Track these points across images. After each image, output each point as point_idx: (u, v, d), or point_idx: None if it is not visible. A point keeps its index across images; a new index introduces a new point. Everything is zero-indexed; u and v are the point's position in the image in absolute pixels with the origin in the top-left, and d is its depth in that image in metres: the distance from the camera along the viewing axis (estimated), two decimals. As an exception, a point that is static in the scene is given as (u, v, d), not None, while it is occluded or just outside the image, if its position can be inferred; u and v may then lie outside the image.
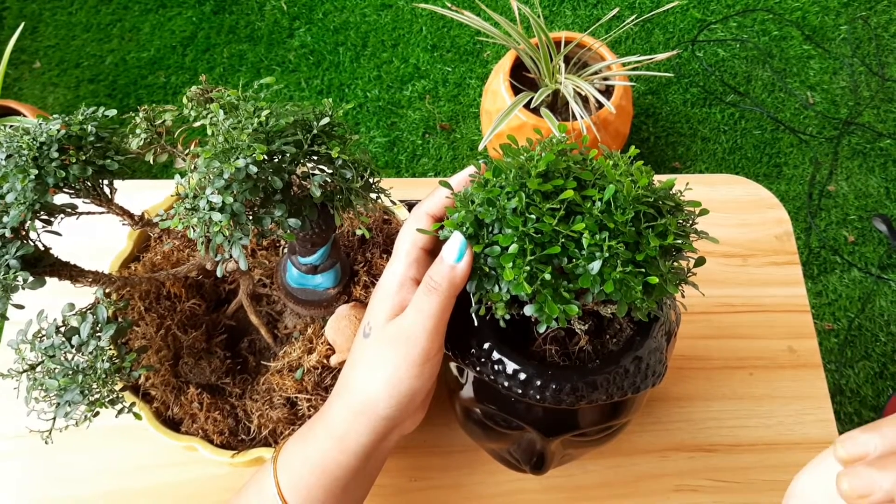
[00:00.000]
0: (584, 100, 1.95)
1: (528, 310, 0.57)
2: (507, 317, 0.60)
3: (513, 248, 0.55)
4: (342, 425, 0.66)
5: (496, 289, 0.58)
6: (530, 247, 0.55)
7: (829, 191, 2.32)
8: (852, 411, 1.98)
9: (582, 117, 1.72)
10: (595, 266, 0.55)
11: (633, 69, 2.00)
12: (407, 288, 0.64)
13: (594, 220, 0.55)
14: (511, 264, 0.55)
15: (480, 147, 1.75)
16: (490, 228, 0.58)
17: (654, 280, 0.55)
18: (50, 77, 2.48)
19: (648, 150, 2.38)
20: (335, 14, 2.60)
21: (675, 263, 0.59)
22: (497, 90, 2.00)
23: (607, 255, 0.54)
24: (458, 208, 0.60)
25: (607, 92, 1.98)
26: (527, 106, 1.90)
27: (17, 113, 1.98)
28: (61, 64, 2.51)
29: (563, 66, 1.86)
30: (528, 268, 0.55)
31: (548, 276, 0.55)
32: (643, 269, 0.55)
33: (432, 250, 0.66)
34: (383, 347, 0.64)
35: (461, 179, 0.65)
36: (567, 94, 1.77)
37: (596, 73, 1.91)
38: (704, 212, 0.60)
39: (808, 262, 2.19)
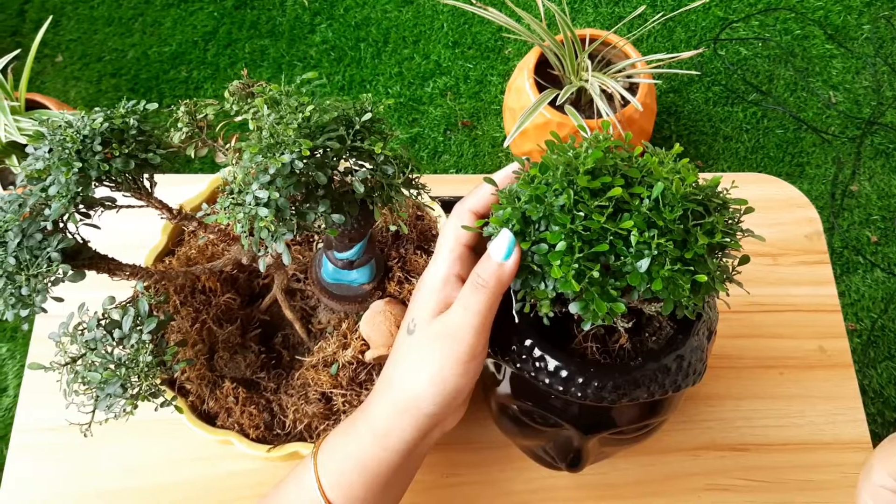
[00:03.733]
0: (609, 98, 1.94)
1: (574, 307, 0.57)
2: (551, 314, 0.60)
3: (561, 245, 0.55)
4: (385, 422, 0.65)
5: (542, 286, 0.58)
6: (578, 244, 0.55)
7: (851, 191, 2.31)
8: (875, 412, 1.98)
9: (608, 115, 1.71)
10: (643, 264, 0.54)
11: (657, 67, 1.99)
12: (451, 285, 0.64)
13: (643, 218, 0.55)
14: (559, 262, 0.55)
15: (506, 144, 1.75)
16: (537, 225, 0.58)
17: (703, 278, 0.55)
18: (72, 71, 2.49)
19: (670, 149, 2.37)
20: (356, 10, 2.60)
21: (722, 262, 0.58)
22: (521, 87, 1.99)
23: (655, 252, 0.54)
24: (504, 205, 0.59)
25: (630, 90, 1.98)
26: (551, 103, 1.89)
27: (43, 106, 1.99)
28: (83, 58, 2.52)
29: (588, 63, 1.85)
30: (576, 265, 0.54)
31: (596, 274, 0.54)
32: (691, 268, 0.55)
33: (476, 247, 0.66)
34: (428, 344, 0.63)
35: (505, 176, 0.64)
36: (593, 92, 1.77)
37: (620, 70, 1.91)
38: (750, 210, 0.60)
39: (832, 262, 2.17)
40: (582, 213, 0.55)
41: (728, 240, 0.57)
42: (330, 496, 0.66)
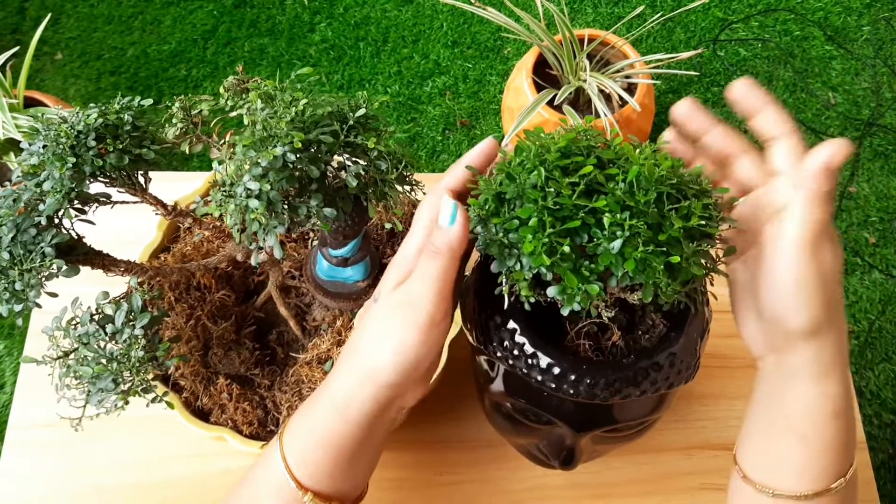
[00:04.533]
0: (607, 98, 1.94)
1: (552, 291, 0.56)
2: (532, 300, 0.59)
3: (532, 221, 0.55)
4: (346, 394, 0.65)
5: (518, 266, 0.58)
6: (549, 220, 0.54)
7: (850, 192, 2.30)
8: (872, 413, 1.98)
9: (605, 115, 1.71)
10: (616, 245, 0.54)
11: (656, 68, 1.99)
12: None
13: (616, 200, 0.55)
14: (530, 236, 0.54)
15: (504, 144, 1.75)
16: (511, 205, 0.58)
17: (676, 259, 0.54)
18: (71, 69, 2.49)
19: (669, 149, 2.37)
20: (356, 9, 2.60)
21: (701, 247, 0.58)
22: (520, 87, 1.99)
23: (628, 234, 0.54)
24: (481, 187, 0.59)
25: (629, 90, 1.98)
26: (549, 103, 1.89)
27: (42, 104, 1.99)
28: (83, 56, 2.52)
29: (587, 63, 1.85)
30: (546, 240, 0.54)
31: (567, 249, 0.54)
32: (665, 249, 0.55)
33: None
34: (390, 314, 0.63)
35: (479, 150, 0.64)
36: (591, 92, 1.77)
37: (619, 71, 1.91)
38: (734, 199, 0.60)
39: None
40: (553, 190, 0.55)
41: (705, 224, 0.56)
42: (297, 474, 0.66)
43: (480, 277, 0.68)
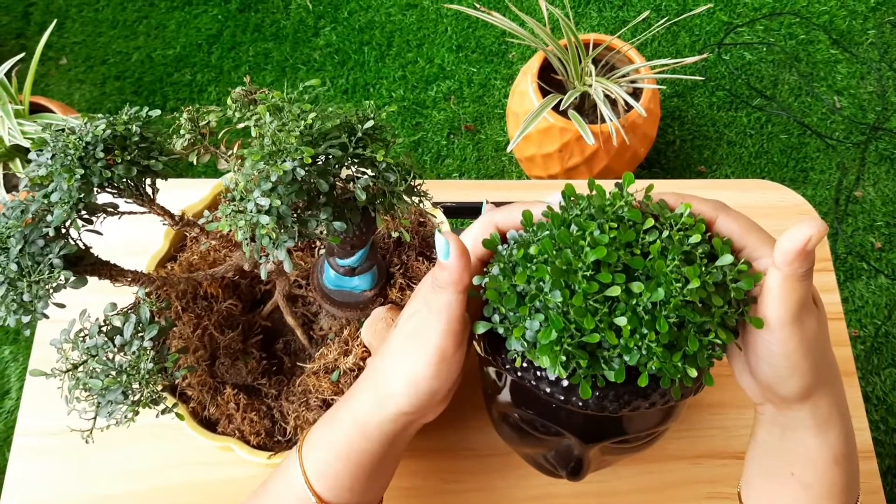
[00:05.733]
0: (613, 103, 1.94)
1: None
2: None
3: (552, 335, 0.55)
4: (366, 413, 0.66)
5: (510, 345, 0.59)
6: (567, 339, 0.55)
7: (855, 196, 2.30)
8: (878, 419, 1.97)
9: (611, 120, 1.71)
10: (631, 360, 0.55)
11: (661, 72, 1.99)
12: None
13: (638, 320, 0.55)
14: (549, 355, 0.55)
15: (509, 149, 1.75)
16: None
17: (693, 373, 0.55)
18: (76, 74, 2.49)
19: (674, 154, 2.37)
20: (360, 13, 2.60)
21: (715, 354, 0.58)
22: (525, 92, 1.99)
23: (644, 352, 0.54)
24: (500, 261, 0.60)
25: (634, 95, 1.97)
26: (554, 108, 1.89)
27: (48, 110, 1.99)
28: (87, 61, 2.52)
29: (592, 68, 1.85)
30: (564, 357, 0.55)
31: (583, 363, 0.55)
32: (679, 364, 0.55)
33: (486, 260, 0.65)
34: (403, 343, 0.64)
35: (536, 214, 0.63)
36: (596, 97, 1.77)
37: (624, 75, 1.91)
38: (752, 300, 0.59)
39: (835, 268, 2.17)
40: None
41: (719, 341, 0.56)
42: (317, 488, 0.67)
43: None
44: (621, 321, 0.54)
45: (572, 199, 0.61)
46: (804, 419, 0.64)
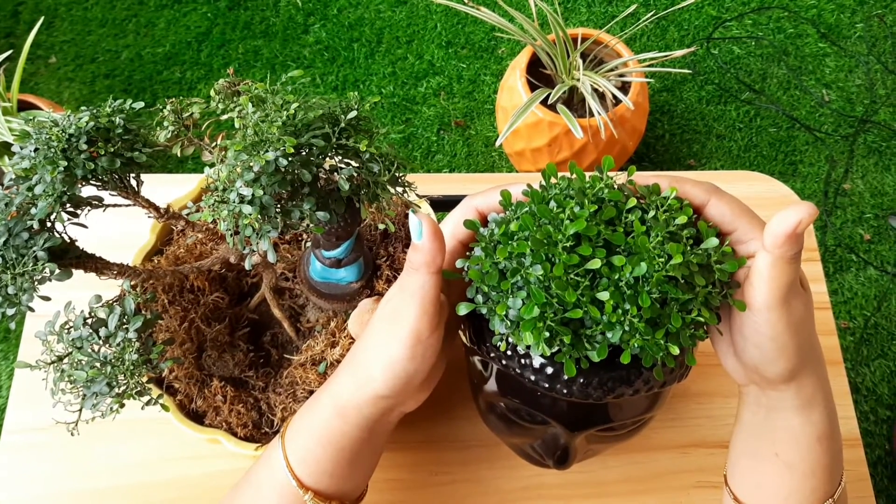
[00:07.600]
0: (601, 96, 1.95)
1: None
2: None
3: (534, 312, 0.55)
4: (347, 396, 0.66)
5: (493, 326, 0.60)
6: (550, 314, 0.55)
7: (844, 189, 2.31)
8: (868, 410, 1.98)
9: (599, 114, 1.71)
10: (614, 336, 0.55)
11: (650, 66, 1.99)
12: None
13: (620, 294, 0.55)
14: (531, 331, 0.55)
15: (497, 143, 1.75)
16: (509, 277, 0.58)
17: (675, 351, 0.56)
18: (66, 72, 2.49)
19: (663, 148, 2.38)
20: (350, 10, 2.60)
21: (698, 334, 0.58)
22: (513, 87, 2.00)
23: (627, 327, 0.55)
24: (482, 241, 0.60)
25: (623, 89, 1.98)
26: (543, 102, 1.90)
27: (36, 107, 1.99)
28: (77, 59, 2.51)
29: (580, 62, 1.85)
30: (547, 334, 0.55)
31: (567, 340, 0.55)
32: (662, 342, 0.56)
33: (468, 243, 0.66)
34: (381, 326, 0.64)
35: (516, 192, 0.64)
36: (585, 91, 1.77)
37: (612, 69, 1.91)
38: (736, 285, 0.60)
39: (824, 260, 2.18)
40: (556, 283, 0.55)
41: (702, 319, 0.57)
42: (298, 473, 0.67)
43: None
44: (603, 296, 0.54)
45: (553, 179, 0.61)
46: (789, 399, 0.65)
